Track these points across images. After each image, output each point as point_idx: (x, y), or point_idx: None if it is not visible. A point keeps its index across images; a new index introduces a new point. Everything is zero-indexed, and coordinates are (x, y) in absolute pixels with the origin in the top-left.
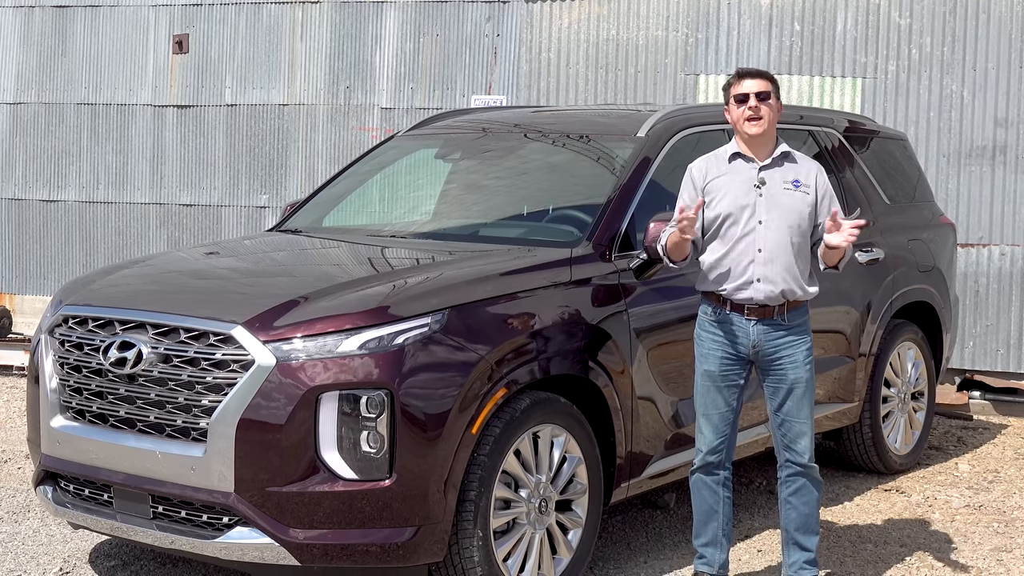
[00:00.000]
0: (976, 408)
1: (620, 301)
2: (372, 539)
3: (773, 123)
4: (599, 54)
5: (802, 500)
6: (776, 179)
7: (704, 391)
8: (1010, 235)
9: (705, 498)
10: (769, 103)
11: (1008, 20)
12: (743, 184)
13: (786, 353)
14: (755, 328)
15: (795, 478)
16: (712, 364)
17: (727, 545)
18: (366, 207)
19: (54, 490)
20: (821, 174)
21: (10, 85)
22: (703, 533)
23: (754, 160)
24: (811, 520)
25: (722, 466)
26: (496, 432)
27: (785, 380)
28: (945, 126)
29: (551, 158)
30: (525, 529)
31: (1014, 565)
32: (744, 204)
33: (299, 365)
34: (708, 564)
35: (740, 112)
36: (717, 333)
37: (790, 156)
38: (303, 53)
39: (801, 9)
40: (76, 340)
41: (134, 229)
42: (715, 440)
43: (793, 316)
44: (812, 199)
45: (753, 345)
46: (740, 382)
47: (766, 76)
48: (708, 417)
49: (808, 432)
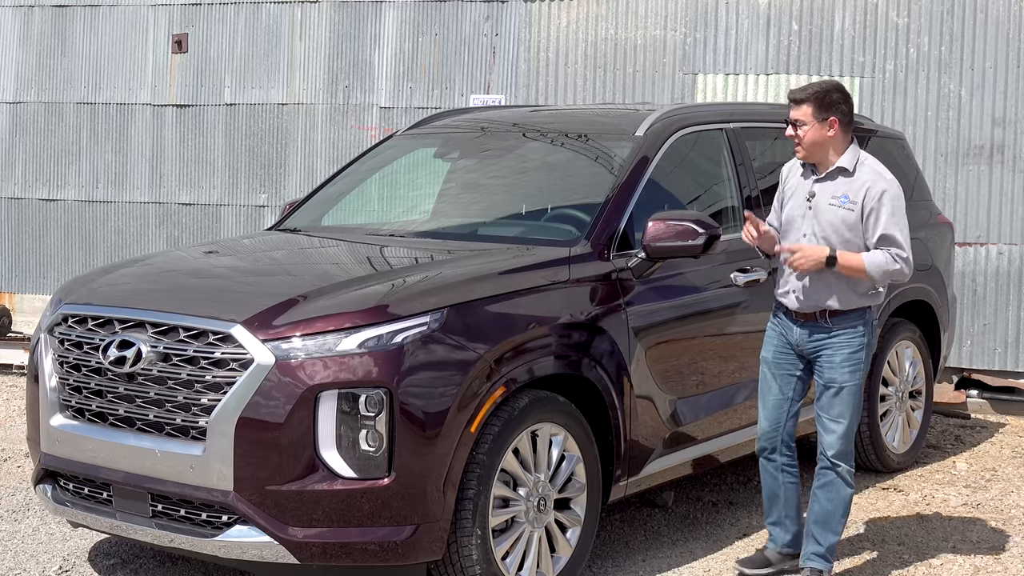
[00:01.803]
0: (974, 407)
1: (618, 300)
2: (371, 537)
3: (813, 145)
4: (597, 53)
5: (827, 495)
6: (826, 193)
7: (762, 377)
8: (1008, 234)
9: (767, 481)
10: (801, 132)
11: (1006, 20)
12: (801, 195)
13: (825, 354)
14: (798, 329)
15: (825, 472)
16: (768, 351)
17: (791, 526)
18: (365, 206)
19: (53, 488)
20: (875, 188)
21: (10, 84)
22: (770, 513)
23: (815, 173)
24: (832, 518)
25: (779, 452)
26: (495, 431)
27: (822, 377)
28: (943, 125)
29: (549, 157)
30: (524, 527)
31: (1012, 563)
32: (799, 215)
33: (298, 364)
34: (772, 541)
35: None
36: (776, 326)
37: (846, 171)
38: (302, 52)
39: (799, 9)
40: (75, 339)
41: (133, 228)
42: (767, 427)
43: (838, 321)
44: (856, 216)
45: (797, 344)
46: (796, 373)
47: (805, 102)
48: (764, 403)
49: (837, 431)
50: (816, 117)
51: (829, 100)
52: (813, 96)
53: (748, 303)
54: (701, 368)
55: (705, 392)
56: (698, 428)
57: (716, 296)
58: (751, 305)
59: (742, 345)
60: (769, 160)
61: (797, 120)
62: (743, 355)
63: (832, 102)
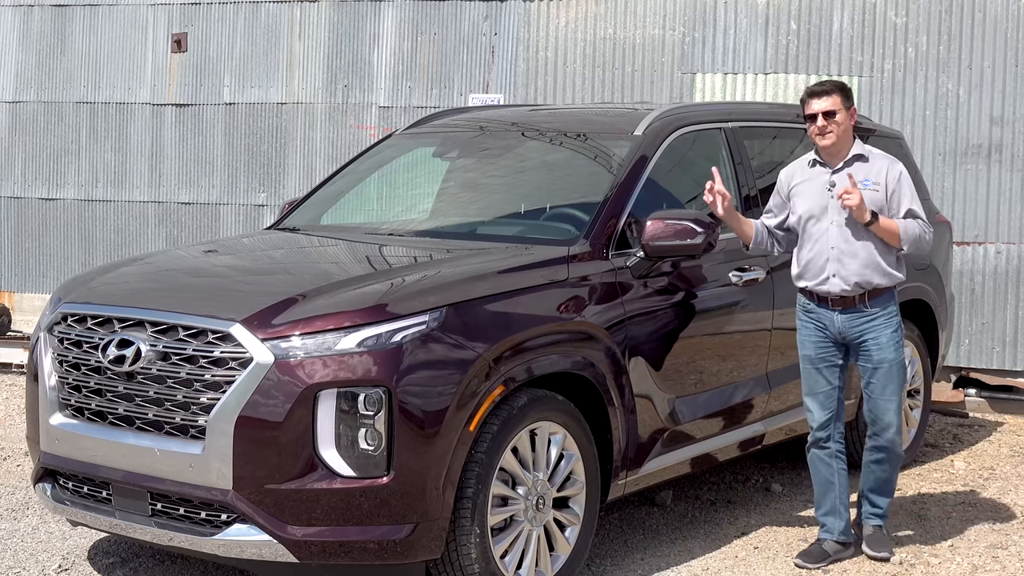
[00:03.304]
0: (972, 406)
1: (617, 299)
2: (370, 536)
3: (844, 132)
4: (596, 53)
5: (880, 467)
6: (847, 180)
7: (807, 374)
8: (1005, 233)
9: (820, 471)
10: (836, 120)
11: (1004, 19)
12: (819, 188)
13: (870, 336)
14: (839, 317)
15: (876, 451)
16: (809, 349)
17: (845, 513)
18: (364, 205)
19: (53, 487)
20: (893, 169)
21: (9, 84)
22: (823, 504)
23: (828, 165)
24: (886, 485)
25: (832, 439)
26: (494, 429)
27: (870, 361)
28: (941, 125)
29: (548, 156)
30: (523, 526)
31: (1009, 562)
32: (821, 206)
33: (297, 363)
34: (829, 532)
35: (811, 128)
36: (810, 321)
37: (862, 157)
38: (301, 52)
39: (797, 8)
40: (75, 338)
41: (133, 227)
42: (823, 417)
43: (876, 303)
44: (882, 195)
45: (839, 332)
46: (839, 362)
47: (832, 92)
48: (814, 396)
49: (891, 410)
50: (844, 106)
51: (848, 92)
52: (837, 87)
53: (746, 302)
54: (700, 367)
55: (704, 391)
56: (696, 427)
57: (714, 295)
58: (749, 304)
59: (740, 344)
60: (767, 159)
61: (829, 111)
62: (741, 354)
63: (850, 94)
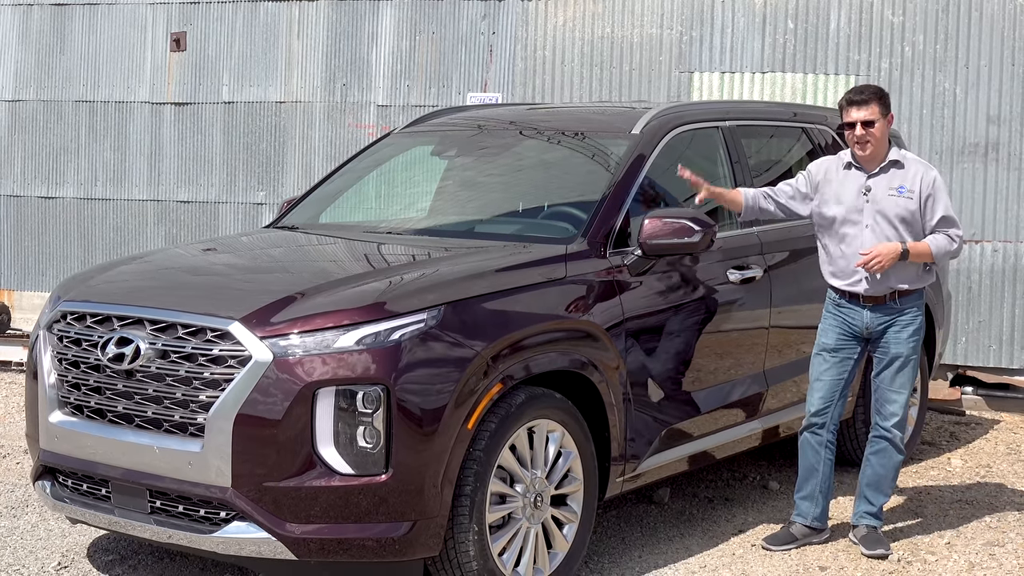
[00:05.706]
0: (969, 403)
1: (615, 297)
2: (368, 533)
3: (881, 139)
4: (594, 52)
5: (879, 460)
6: (882, 186)
7: (819, 360)
8: (1002, 231)
9: (808, 456)
10: (874, 129)
11: (1000, 18)
12: (854, 191)
13: (892, 331)
14: (868, 313)
15: (878, 440)
16: (830, 339)
17: (823, 502)
18: (362, 204)
19: (52, 485)
20: (927, 176)
21: (8, 83)
22: (803, 488)
23: (864, 169)
24: (883, 481)
25: (826, 428)
26: (492, 427)
27: (887, 353)
28: (938, 123)
29: (546, 155)
30: (521, 523)
31: (1006, 559)
32: (855, 209)
33: (296, 361)
34: (801, 515)
35: (849, 136)
36: (838, 315)
37: (898, 163)
38: (300, 51)
39: (795, 7)
40: (74, 336)
41: (132, 225)
42: (821, 404)
43: (906, 300)
44: (916, 203)
45: (867, 327)
46: (854, 356)
47: (871, 101)
48: (820, 382)
49: (897, 401)
50: (882, 114)
51: (886, 99)
52: (876, 95)
53: (744, 300)
54: (697, 365)
55: (701, 389)
56: (694, 425)
57: (712, 293)
58: (747, 302)
59: (738, 342)
60: (765, 158)
61: (868, 120)
62: (739, 352)
63: (888, 101)
